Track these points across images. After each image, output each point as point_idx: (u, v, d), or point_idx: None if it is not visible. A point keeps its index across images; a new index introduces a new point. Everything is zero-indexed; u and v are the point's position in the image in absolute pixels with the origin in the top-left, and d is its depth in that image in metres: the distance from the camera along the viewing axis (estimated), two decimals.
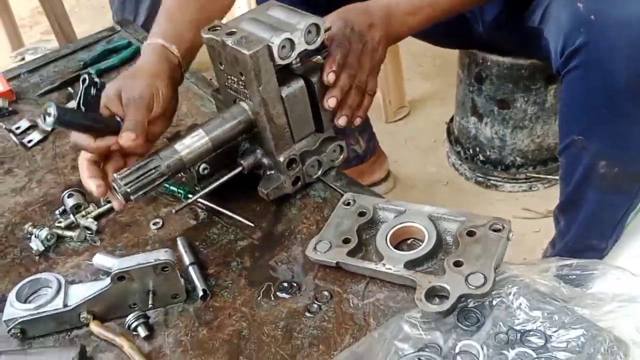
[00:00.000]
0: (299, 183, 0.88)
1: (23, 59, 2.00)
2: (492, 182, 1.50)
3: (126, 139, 0.77)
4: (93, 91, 0.92)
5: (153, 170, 0.79)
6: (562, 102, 0.93)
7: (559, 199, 1.05)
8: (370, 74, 0.85)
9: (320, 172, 0.90)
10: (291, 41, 0.78)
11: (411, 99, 1.84)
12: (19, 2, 2.38)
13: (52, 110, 0.75)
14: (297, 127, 0.85)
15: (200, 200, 0.89)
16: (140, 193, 0.78)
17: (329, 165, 0.90)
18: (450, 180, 1.57)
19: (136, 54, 1.30)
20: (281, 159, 0.85)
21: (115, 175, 0.78)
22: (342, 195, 0.87)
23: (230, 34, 0.79)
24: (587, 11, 0.81)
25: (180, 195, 0.94)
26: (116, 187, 0.78)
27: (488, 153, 1.47)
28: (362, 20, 0.84)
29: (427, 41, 1.30)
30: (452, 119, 1.63)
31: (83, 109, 0.93)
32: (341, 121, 0.84)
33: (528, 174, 1.46)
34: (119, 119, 0.81)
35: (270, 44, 0.77)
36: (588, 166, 0.92)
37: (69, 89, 1.22)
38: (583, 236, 1.04)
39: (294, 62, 0.80)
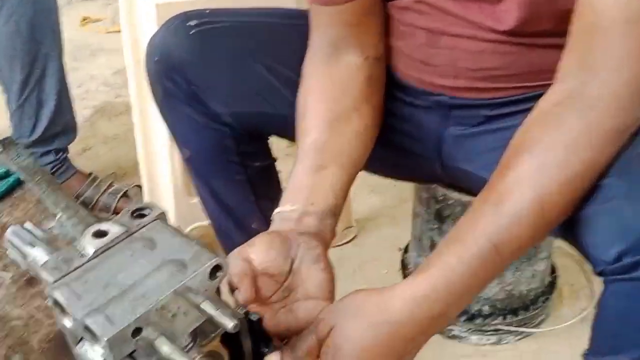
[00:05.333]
0: None
1: None
2: (455, 333, 1.26)
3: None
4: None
5: None
6: (608, 308, 0.70)
7: None
8: None
9: None
10: None
11: (358, 217, 1.61)
12: None
13: None
14: None
15: None
16: None
17: None
18: None
19: (15, 187, 1.03)
20: None
21: None
22: None
23: None
24: None
25: None
26: None
27: None
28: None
29: (375, 173, 1.08)
30: (406, 249, 1.40)
31: None
32: None
33: (498, 325, 1.23)
34: None
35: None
36: None
37: None
38: None
39: None
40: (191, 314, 0.54)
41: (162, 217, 0.59)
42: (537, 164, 0.62)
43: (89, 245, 0.55)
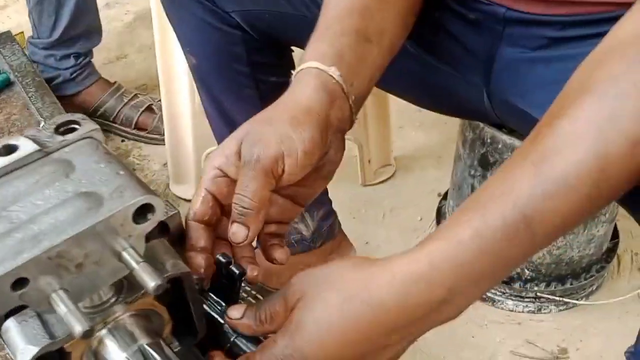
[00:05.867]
0: None
1: None
2: (489, 294, 1.11)
3: (233, 234, 0.52)
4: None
5: None
6: None
7: None
8: None
9: None
10: None
11: (399, 155, 1.44)
12: None
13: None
14: None
15: None
16: None
17: None
18: None
19: (2, 88, 0.92)
20: None
21: None
22: None
23: None
24: None
25: None
26: None
27: None
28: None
29: (411, 101, 0.92)
30: (446, 195, 1.24)
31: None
32: None
33: (539, 292, 1.07)
34: None
35: None
36: None
37: None
38: None
39: None
40: (108, 265, 0.42)
41: (94, 135, 0.46)
42: (606, 113, 0.45)
43: None
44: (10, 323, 0.43)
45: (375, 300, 0.45)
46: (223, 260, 0.51)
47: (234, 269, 0.51)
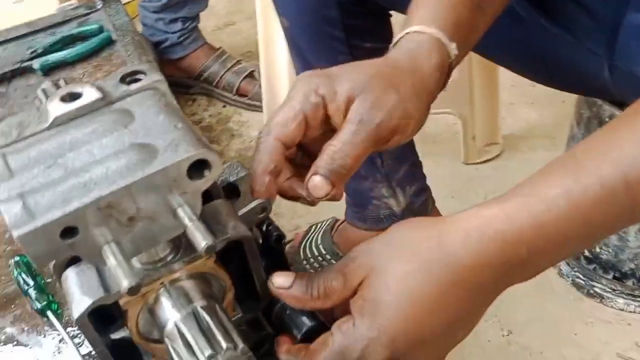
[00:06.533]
0: None
1: None
2: (597, 290, 1.01)
3: (314, 187, 0.45)
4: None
5: None
6: None
7: None
8: None
9: None
10: None
11: (508, 133, 1.35)
12: None
13: None
14: None
15: None
16: None
17: None
18: None
19: (105, 45, 0.94)
20: None
21: None
22: None
23: None
24: None
25: None
26: None
27: (598, 250, 0.98)
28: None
29: (522, 73, 0.84)
30: None
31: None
32: None
33: None
34: None
35: None
36: None
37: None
38: None
39: None
40: (163, 221, 0.40)
41: (159, 85, 0.44)
42: None
43: (53, 111, 0.42)
44: (69, 272, 0.42)
45: (453, 260, 0.40)
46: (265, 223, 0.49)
47: (273, 232, 0.48)
